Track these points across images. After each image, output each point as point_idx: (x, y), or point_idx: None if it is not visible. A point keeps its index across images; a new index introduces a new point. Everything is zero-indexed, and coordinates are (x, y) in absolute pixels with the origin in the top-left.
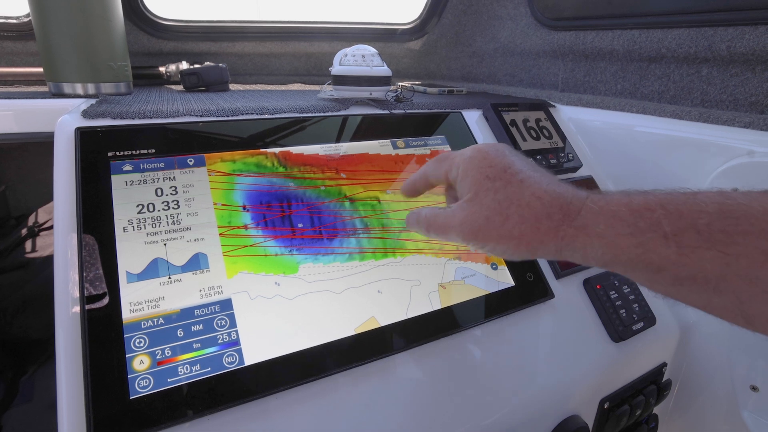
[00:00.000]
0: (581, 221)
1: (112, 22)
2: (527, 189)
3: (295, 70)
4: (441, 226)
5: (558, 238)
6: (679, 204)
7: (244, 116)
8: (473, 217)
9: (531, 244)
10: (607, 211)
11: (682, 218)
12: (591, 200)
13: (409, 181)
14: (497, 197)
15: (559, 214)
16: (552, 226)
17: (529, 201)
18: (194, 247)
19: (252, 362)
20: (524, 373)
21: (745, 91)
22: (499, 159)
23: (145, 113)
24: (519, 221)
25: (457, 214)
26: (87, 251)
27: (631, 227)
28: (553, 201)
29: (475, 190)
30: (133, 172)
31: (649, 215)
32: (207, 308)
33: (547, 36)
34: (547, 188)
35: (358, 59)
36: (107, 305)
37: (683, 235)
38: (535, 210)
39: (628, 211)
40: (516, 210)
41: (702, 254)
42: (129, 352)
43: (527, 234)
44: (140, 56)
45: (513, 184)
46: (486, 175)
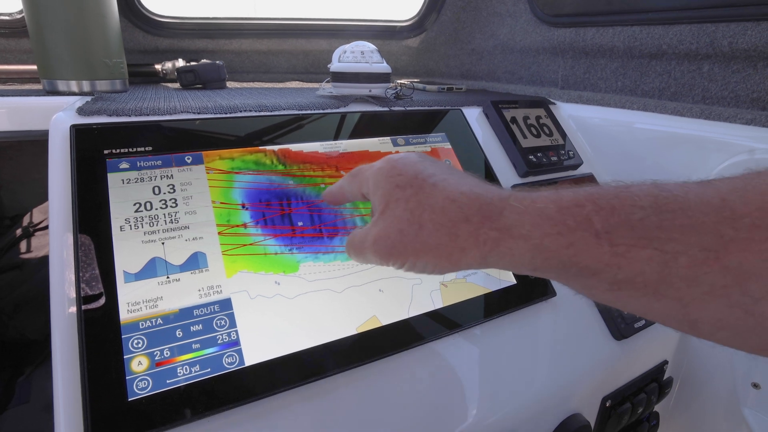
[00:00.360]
0: (504, 222)
1: (106, 18)
2: (440, 193)
3: (293, 67)
4: (357, 247)
5: (480, 244)
6: (610, 198)
7: (243, 113)
8: (386, 232)
9: (451, 254)
10: (532, 210)
11: (614, 213)
12: (514, 198)
13: (328, 191)
14: (408, 206)
15: (478, 216)
16: (471, 231)
17: (443, 205)
18: (193, 246)
19: (252, 363)
20: (526, 371)
21: (746, 88)
22: (410, 166)
23: (141, 110)
24: (434, 229)
25: (371, 232)
26: (83, 251)
27: (560, 226)
28: (471, 202)
29: (386, 201)
30: (129, 170)
31: (579, 211)
32: (206, 308)
33: (546, 33)
34: (463, 190)
35: (358, 56)
36: (104, 305)
37: (616, 232)
38: (449, 214)
39: (556, 208)
40: (429, 216)
41: (638, 254)
42: (127, 353)
43: (445, 243)
44: (136, 54)
45: (425, 190)
46: (396, 185)
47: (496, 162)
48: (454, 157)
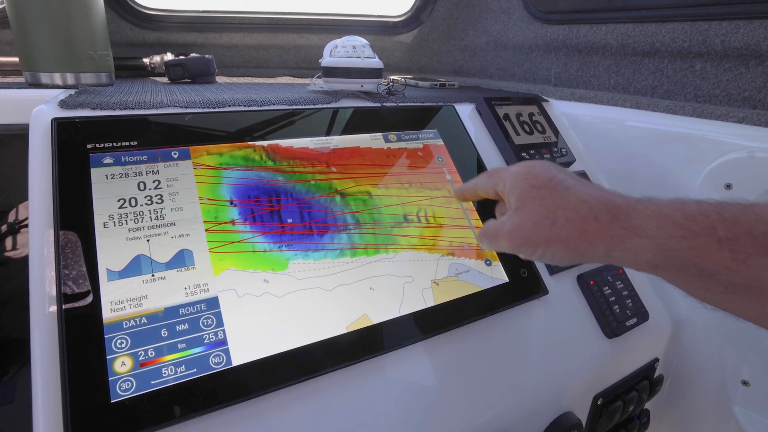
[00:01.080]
0: (632, 222)
1: (91, 9)
2: (573, 194)
3: (284, 62)
4: (491, 234)
5: (606, 239)
6: (735, 212)
7: (231, 108)
8: (522, 224)
9: (579, 246)
10: (659, 214)
11: (738, 224)
12: (642, 204)
13: (460, 188)
14: (544, 203)
15: (607, 215)
16: (600, 228)
17: (575, 205)
18: (179, 243)
19: (240, 362)
20: (519, 370)
21: (738, 86)
22: (544, 171)
23: (127, 104)
24: (566, 224)
25: (507, 223)
26: (64, 248)
27: (684, 230)
28: (600, 204)
29: (522, 199)
30: (113, 165)
31: (703, 219)
32: (192, 307)
33: (540, 30)
34: (593, 193)
35: (349, 50)
36: (86, 304)
37: (739, 240)
38: (581, 212)
39: (682, 215)
40: (563, 213)
41: (758, 261)
42: (110, 354)
43: (575, 236)
44: (123, 47)
45: (559, 192)
46: (532, 185)
47: (488, 159)
48: (447, 153)
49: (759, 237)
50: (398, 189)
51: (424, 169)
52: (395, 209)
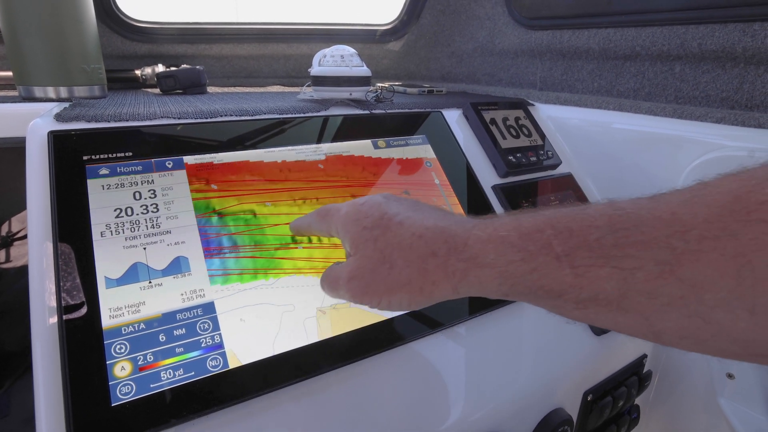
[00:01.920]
0: (469, 252)
1: (83, 23)
2: (407, 230)
3: (274, 72)
4: (331, 284)
5: (449, 276)
6: (568, 221)
7: (223, 118)
8: (359, 273)
9: (423, 288)
10: (495, 238)
11: (572, 236)
12: (478, 228)
13: (295, 224)
14: (378, 246)
15: (444, 248)
16: (439, 264)
17: (410, 242)
18: (175, 250)
19: (236, 365)
20: (509, 368)
21: (716, 87)
22: (375, 208)
23: (121, 116)
24: (404, 266)
25: (344, 270)
26: (63, 258)
27: (522, 252)
28: (436, 236)
29: (356, 243)
30: (109, 176)
31: (539, 236)
32: (189, 312)
33: (524, 35)
34: (428, 224)
35: (338, 59)
36: (85, 312)
37: (575, 254)
38: (417, 250)
39: (518, 235)
40: (399, 254)
41: (597, 273)
42: (109, 359)
43: (416, 278)
44: (114, 59)
45: (391, 229)
46: (363, 226)
47: (476, 163)
48: (435, 159)
49: (594, 245)
50: (289, 206)
51: (413, 174)
52: (282, 229)
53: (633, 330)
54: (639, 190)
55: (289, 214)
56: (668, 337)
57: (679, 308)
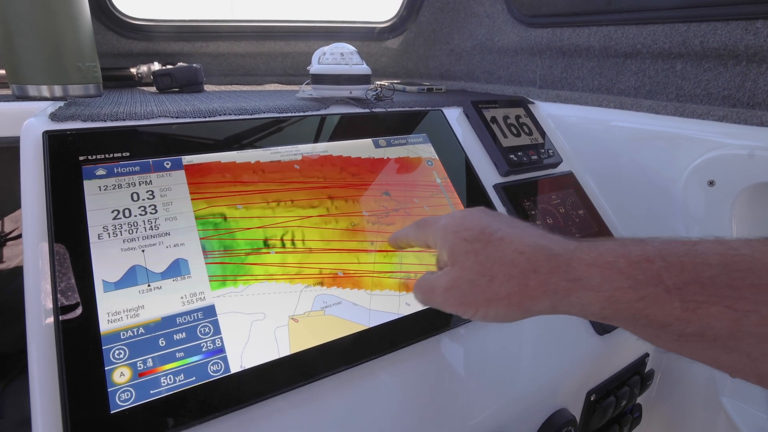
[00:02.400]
0: (574, 273)
1: (78, 20)
2: (508, 246)
3: (272, 70)
4: (426, 290)
5: (550, 293)
6: (679, 255)
7: (222, 117)
8: (457, 283)
9: (522, 303)
10: (602, 263)
11: (684, 271)
12: (581, 251)
13: (394, 236)
14: (478, 259)
15: (547, 266)
16: (541, 281)
17: (512, 258)
18: (174, 252)
19: (238, 369)
20: (513, 369)
21: (718, 85)
22: (475, 222)
23: (117, 115)
24: (504, 280)
25: (441, 280)
26: (59, 261)
27: (631, 279)
28: (538, 254)
29: (455, 255)
30: (106, 177)
31: (649, 266)
32: (189, 315)
33: (524, 33)
34: (529, 242)
35: (337, 57)
36: (83, 316)
37: (687, 289)
38: (519, 266)
39: (626, 262)
40: (500, 269)
41: (708, 310)
42: (108, 365)
43: (516, 293)
44: (110, 57)
45: (493, 244)
46: (464, 239)
47: (477, 161)
48: (437, 157)
49: (707, 283)
50: (262, 209)
51: (415, 173)
52: (254, 233)
53: (735, 369)
54: (640, 188)
55: (275, 217)
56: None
57: None
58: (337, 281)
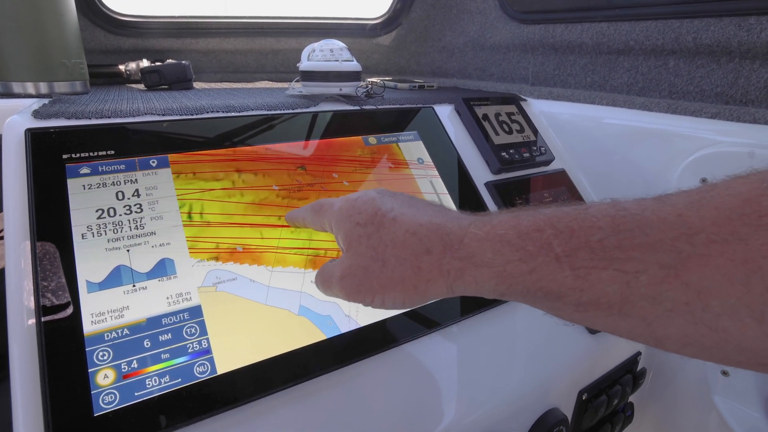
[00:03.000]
0: (465, 251)
1: (64, 16)
2: (401, 227)
3: (262, 67)
4: (324, 281)
5: (444, 274)
6: (569, 221)
7: (210, 114)
8: (352, 270)
9: (417, 286)
10: (493, 236)
11: (573, 236)
12: (474, 226)
13: (290, 215)
14: (371, 243)
15: (439, 246)
16: (433, 262)
17: (404, 239)
18: (160, 252)
19: (225, 371)
20: (504, 368)
21: (710, 82)
22: (368, 204)
23: (102, 113)
24: (397, 264)
25: (337, 268)
26: (42, 261)
27: (521, 252)
28: (431, 234)
29: (349, 240)
30: (91, 175)
31: (539, 236)
32: (175, 316)
33: (516, 30)
34: (422, 221)
35: (327, 54)
36: (66, 317)
37: (576, 255)
38: (411, 247)
39: (516, 234)
40: (392, 252)
41: (599, 275)
42: (92, 367)
43: (409, 276)
44: (98, 54)
45: (385, 226)
46: (356, 222)
47: (468, 159)
48: (427, 155)
49: (595, 247)
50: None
51: (405, 171)
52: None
53: (634, 335)
54: (633, 186)
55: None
56: (671, 343)
57: (684, 315)
58: (236, 256)
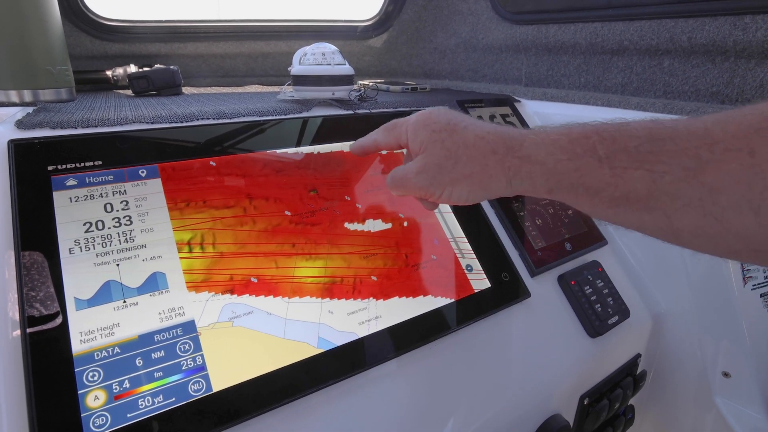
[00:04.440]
0: (524, 151)
1: (48, 22)
2: (471, 133)
3: (252, 71)
4: (400, 179)
5: (505, 170)
6: (612, 131)
7: (200, 122)
8: (427, 167)
9: (482, 180)
10: (547, 141)
11: (615, 142)
12: (533, 133)
13: (359, 143)
14: (445, 145)
15: (503, 147)
16: (498, 160)
17: (474, 142)
18: (151, 266)
19: (221, 388)
20: (505, 376)
21: (706, 82)
22: (442, 116)
23: (89, 121)
24: (468, 161)
25: (413, 166)
26: (28, 278)
27: (569, 153)
28: (497, 138)
29: (425, 144)
30: (77, 187)
31: (585, 141)
32: (168, 332)
33: (509, 30)
34: (489, 129)
35: (318, 57)
36: (53, 336)
37: (615, 157)
38: (480, 148)
39: (567, 140)
40: (464, 152)
41: (632, 174)
42: (81, 388)
43: (477, 171)
44: (84, 60)
45: (457, 132)
46: (432, 130)
47: None
48: None
49: (632, 151)
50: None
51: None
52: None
53: (656, 229)
54: None
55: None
56: (685, 235)
57: (697, 208)
58: (252, 288)
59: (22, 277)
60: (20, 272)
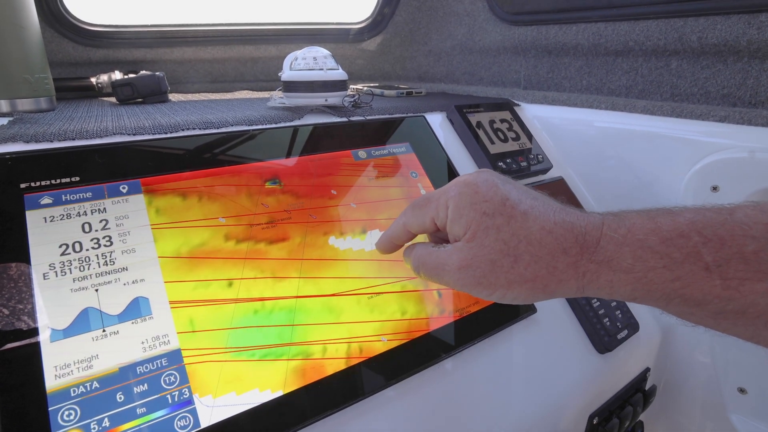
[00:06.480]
0: (603, 254)
1: (25, 29)
2: (534, 223)
3: (241, 76)
4: (434, 268)
5: (579, 276)
6: (716, 228)
7: (186, 132)
8: (475, 262)
9: (548, 286)
10: (632, 241)
11: (725, 245)
12: (608, 228)
13: (385, 237)
14: (501, 236)
15: (576, 247)
16: (570, 263)
17: (540, 237)
18: (133, 290)
19: (209, 423)
20: (513, 395)
21: (716, 84)
22: (494, 191)
23: (66, 134)
24: (531, 262)
25: (454, 256)
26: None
27: (665, 259)
28: (567, 233)
29: (473, 231)
30: (53, 206)
31: (684, 243)
32: (152, 363)
33: (507, 31)
34: (556, 219)
35: (310, 62)
36: (25, 372)
37: (729, 265)
38: (547, 246)
39: (659, 240)
40: (526, 248)
41: (753, 287)
42: (55, 429)
43: (542, 275)
44: (66, 66)
45: (516, 219)
46: (483, 212)
47: (464, 171)
48: (421, 168)
49: (750, 259)
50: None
51: (399, 187)
52: None
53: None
54: (635, 194)
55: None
56: None
57: None
58: None
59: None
60: None
